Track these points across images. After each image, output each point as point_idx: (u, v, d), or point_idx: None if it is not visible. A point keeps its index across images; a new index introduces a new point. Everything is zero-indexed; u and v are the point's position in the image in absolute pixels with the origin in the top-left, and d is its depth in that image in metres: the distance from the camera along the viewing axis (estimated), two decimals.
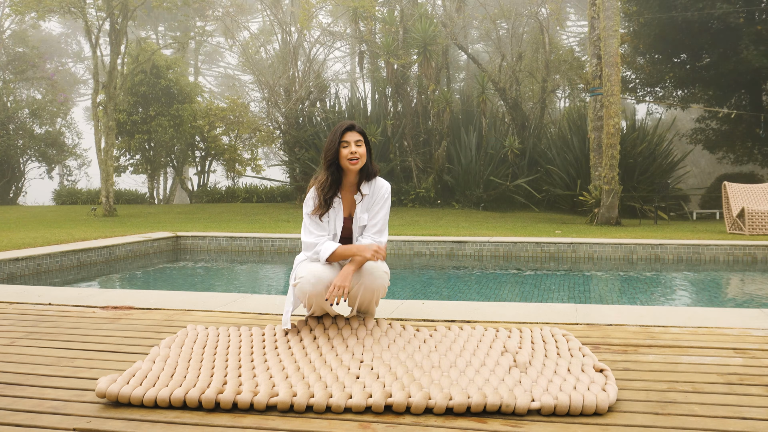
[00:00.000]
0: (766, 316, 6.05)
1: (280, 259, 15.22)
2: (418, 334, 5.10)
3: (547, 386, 3.91)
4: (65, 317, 6.20)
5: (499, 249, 14.65)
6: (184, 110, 36.35)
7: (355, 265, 5.08)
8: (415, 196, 30.36)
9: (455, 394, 3.77)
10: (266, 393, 3.80)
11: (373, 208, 5.35)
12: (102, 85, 28.13)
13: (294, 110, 33.16)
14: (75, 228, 19.37)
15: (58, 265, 12.35)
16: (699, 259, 13.94)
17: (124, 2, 26.79)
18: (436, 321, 5.99)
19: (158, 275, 13.11)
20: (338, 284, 4.92)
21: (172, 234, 16.57)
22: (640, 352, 4.91)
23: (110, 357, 4.81)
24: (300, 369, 4.27)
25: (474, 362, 4.35)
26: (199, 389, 3.82)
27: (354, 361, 4.39)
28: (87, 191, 39.96)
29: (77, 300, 7.00)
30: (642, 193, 27.53)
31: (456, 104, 34.40)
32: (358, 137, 5.21)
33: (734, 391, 3.97)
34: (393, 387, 3.88)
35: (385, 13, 33.04)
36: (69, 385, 4.12)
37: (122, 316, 6.23)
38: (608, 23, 21.66)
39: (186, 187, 41.87)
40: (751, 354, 4.82)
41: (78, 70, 62.67)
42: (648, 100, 36.94)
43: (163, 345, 4.81)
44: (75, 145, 44.80)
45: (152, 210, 31.23)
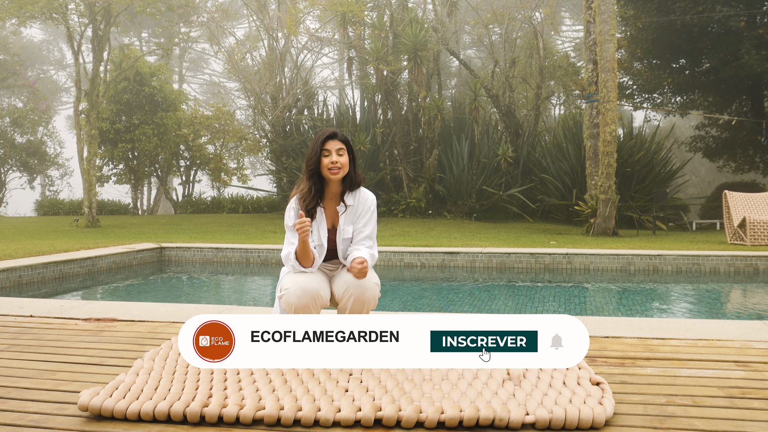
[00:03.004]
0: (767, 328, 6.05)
1: (266, 271, 15.21)
2: None
3: (542, 399, 3.91)
4: (47, 329, 6.20)
5: (492, 260, 14.65)
6: (169, 118, 36.35)
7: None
8: (405, 206, 30.33)
9: (447, 407, 3.76)
10: (252, 406, 3.79)
11: (360, 221, 5.28)
12: (84, 93, 28.12)
13: (281, 118, 33.12)
14: (57, 239, 19.36)
15: (40, 276, 12.33)
16: (699, 271, 13.95)
17: (107, 8, 26.78)
18: None
19: (142, 287, 13.09)
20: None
21: (156, 245, 16.56)
22: (638, 364, 4.91)
23: (93, 370, 4.80)
24: (287, 382, 4.26)
25: (466, 375, 4.34)
26: (184, 402, 3.82)
27: (343, 374, 4.37)
28: (69, 202, 39.89)
29: (59, 312, 7.00)
30: (640, 203, 27.55)
31: (447, 111, 34.37)
32: (340, 146, 5.14)
33: (735, 405, 3.97)
34: (383, 400, 3.87)
35: (374, 17, 33.07)
36: (51, 398, 4.11)
37: (105, 329, 6.22)
38: (604, 27, 21.70)
39: (170, 197, 41.80)
40: (753, 367, 4.81)
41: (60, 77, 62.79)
42: (646, 107, 36.99)
43: (147, 357, 4.80)
44: (57, 154, 44.79)
45: (136, 221, 31.19)
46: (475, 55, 51.48)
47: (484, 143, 31.21)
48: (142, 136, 35.37)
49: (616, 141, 22.67)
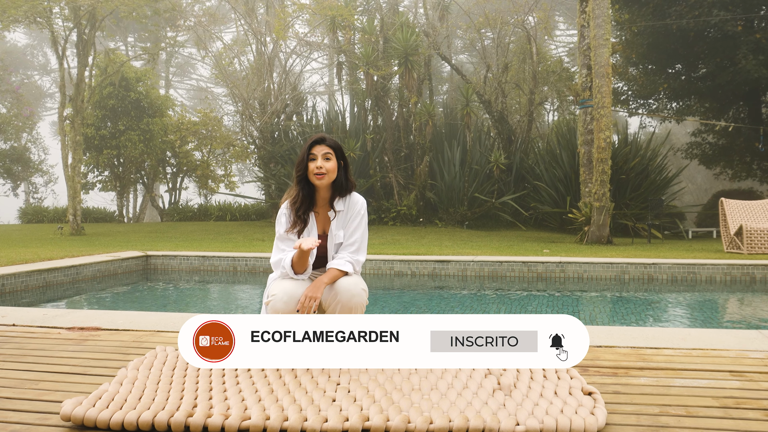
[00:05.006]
0: (764, 338, 6.04)
1: (254, 279, 15.19)
2: None
3: (533, 410, 3.90)
4: (29, 338, 6.17)
5: (484, 268, 14.64)
6: (155, 124, 36.35)
7: (330, 278, 5.02)
8: (396, 213, 30.34)
9: (436, 417, 3.76)
10: (238, 416, 3.79)
11: (350, 226, 5.30)
12: (69, 99, 28.11)
13: (269, 124, 33.11)
14: (41, 247, 19.32)
15: (23, 285, 12.30)
16: (694, 279, 13.95)
17: (92, 12, 26.78)
18: None
19: (127, 296, 13.07)
20: (309, 294, 4.84)
21: (142, 253, 16.53)
22: (632, 374, 4.90)
23: (76, 379, 4.78)
24: (273, 391, 4.25)
25: (456, 384, 4.33)
26: (168, 412, 3.81)
27: (330, 384, 4.36)
28: (54, 209, 39.90)
29: (42, 321, 6.98)
30: (635, 211, 27.58)
31: (439, 117, 34.43)
32: (327, 150, 5.15)
33: (730, 415, 3.96)
34: (371, 410, 3.87)
35: (364, 22, 33.11)
36: (33, 408, 4.10)
37: (89, 338, 6.20)
38: (599, 32, 21.73)
39: (157, 204, 41.79)
40: (748, 377, 4.80)
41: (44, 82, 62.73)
42: (641, 113, 36.99)
43: (131, 367, 4.79)
44: (41, 161, 44.80)
45: (121, 228, 31.15)
46: (467, 60, 51.53)
47: (476, 150, 31.24)
48: (127, 143, 35.35)
49: (611, 147, 22.71)
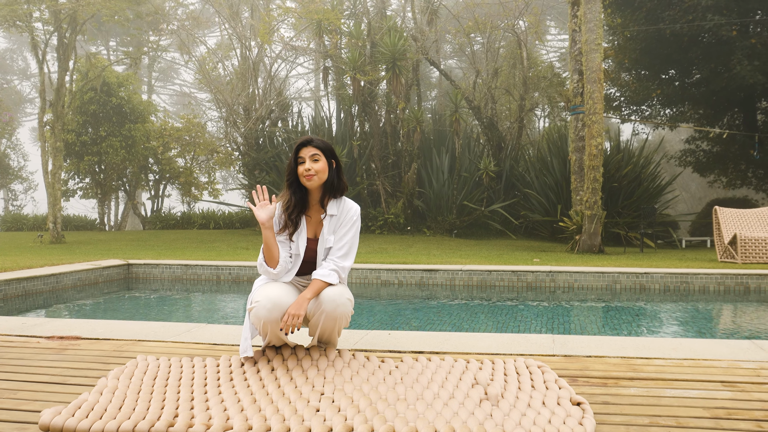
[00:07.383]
0: (756, 348, 6.07)
1: (238, 288, 15.18)
2: (383, 366, 5.10)
3: (520, 420, 3.92)
4: (8, 347, 6.18)
5: (472, 278, 14.65)
6: (137, 130, 36.33)
7: (313, 292, 5.03)
8: (383, 221, 30.35)
9: (421, 427, 3.78)
10: (220, 426, 3.80)
11: (341, 230, 5.33)
12: (49, 104, 28.07)
13: (254, 130, 33.12)
14: (20, 255, 19.30)
15: (2, 294, 12.28)
16: (687, 289, 13.97)
17: (73, 15, 26.77)
18: (403, 352, 5.98)
19: (108, 305, 13.04)
20: (292, 312, 4.85)
21: (124, 262, 16.51)
22: (621, 384, 4.92)
23: (55, 389, 4.79)
24: (256, 401, 4.27)
25: (442, 395, 4.36)
26: (149, 422, 3.83)
27: (314, 393, 4.39)
28: (33, 217, 39.85)
29: (21, 329, 6.98)
30: (627, 219, 27.63)
31: (427, 124, 34.52)
32: (314, 152, 5.20)
33: (721, 426, 3.98)
34: (355, 420, 3.89)
35: (351, 26, 33.17)
36: (11, 418, 4.12)
37: (68, 347, 6.21)
38: (590, 36, 21.78)
39: (139, 212, 41.76)
40: (740, 387, 4.83)
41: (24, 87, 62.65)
42: (634, 119, 37.03)
43: (111, 376, 4.80)
44: (21, 167, 44.78)
45: (103, 237, 31.11)
46: (456, 65, 51.63)
47: (465, 157, 31.28)
48: (109, 149, 35.32)
49: (603, 155, 22.73)
